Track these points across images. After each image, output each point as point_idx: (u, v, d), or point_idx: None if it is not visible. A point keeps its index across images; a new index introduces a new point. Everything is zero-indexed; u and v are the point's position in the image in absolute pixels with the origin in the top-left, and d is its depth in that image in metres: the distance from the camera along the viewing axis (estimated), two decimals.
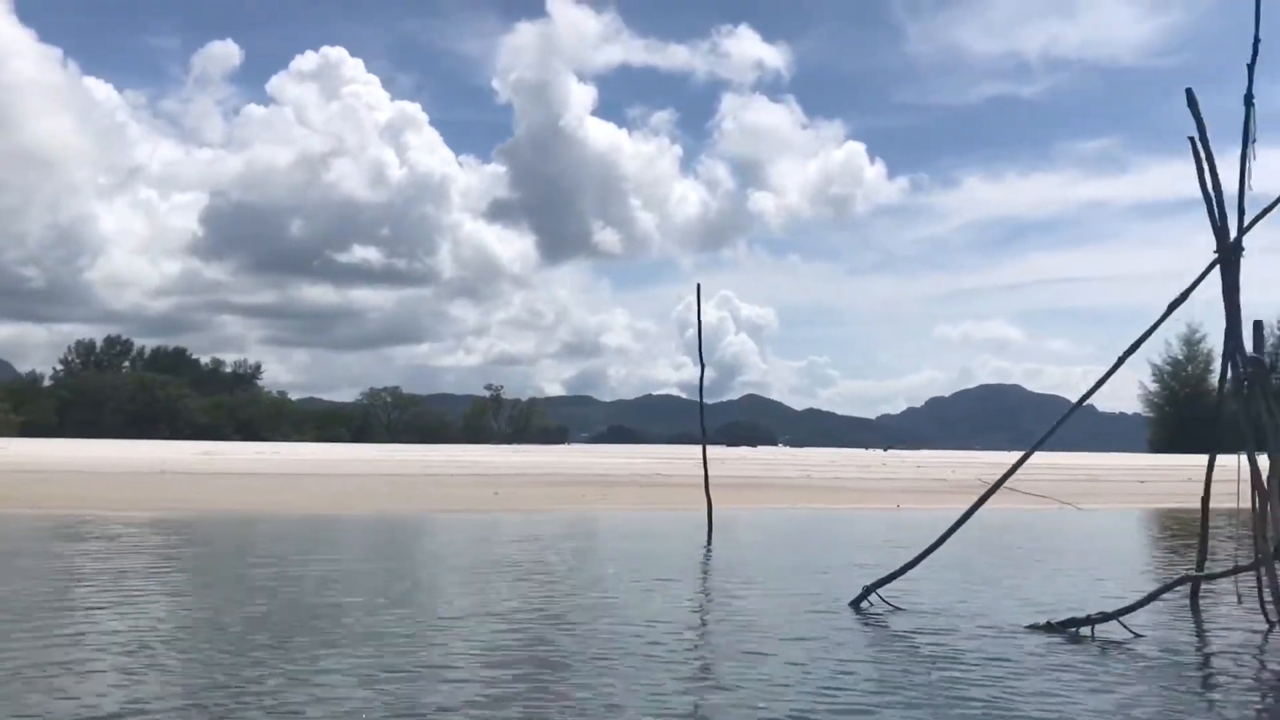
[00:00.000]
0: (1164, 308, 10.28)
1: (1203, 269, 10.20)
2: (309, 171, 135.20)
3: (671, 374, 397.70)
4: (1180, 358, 76.84)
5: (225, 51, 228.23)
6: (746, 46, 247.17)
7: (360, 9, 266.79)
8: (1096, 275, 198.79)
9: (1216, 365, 49.57)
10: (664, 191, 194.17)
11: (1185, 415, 70.72)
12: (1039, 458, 11.46)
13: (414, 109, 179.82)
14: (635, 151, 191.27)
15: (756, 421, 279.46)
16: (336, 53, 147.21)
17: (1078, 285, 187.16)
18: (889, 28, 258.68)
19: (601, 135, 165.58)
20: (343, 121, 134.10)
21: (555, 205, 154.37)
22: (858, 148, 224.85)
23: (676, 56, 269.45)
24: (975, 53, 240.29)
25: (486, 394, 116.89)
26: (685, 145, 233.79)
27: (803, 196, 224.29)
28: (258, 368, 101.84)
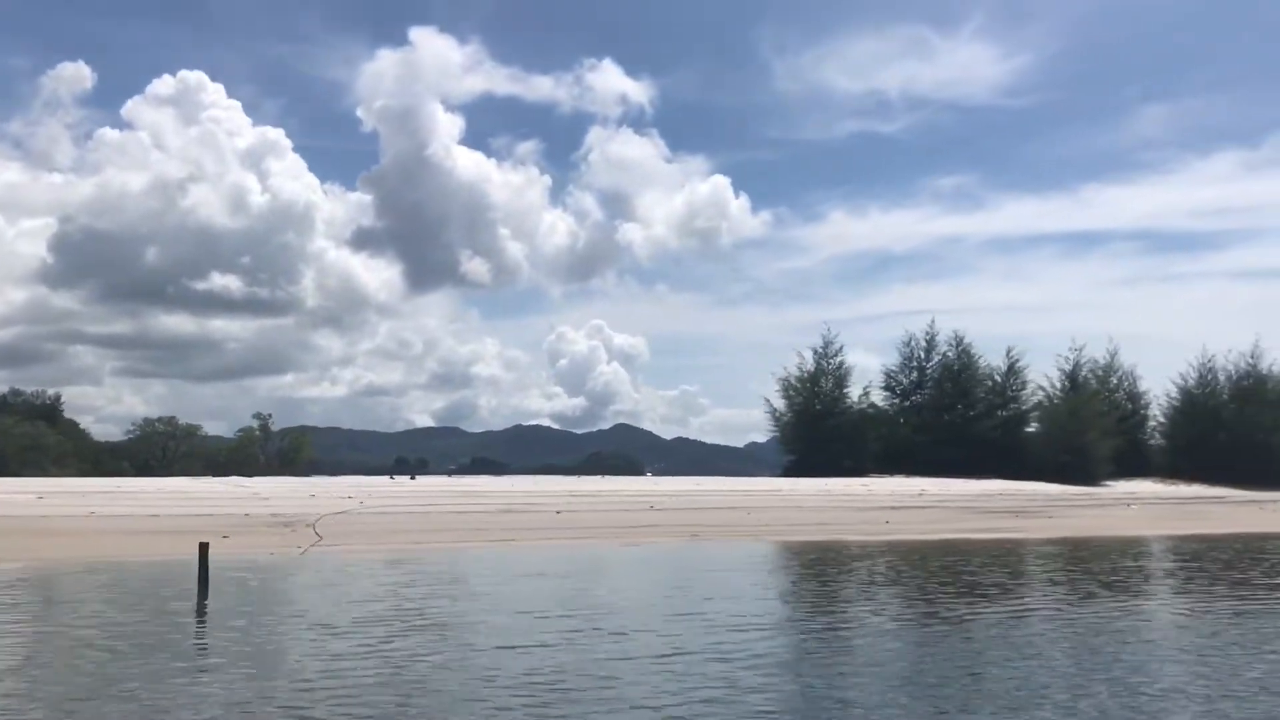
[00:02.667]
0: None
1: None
2: (165, 197, 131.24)
3: (544, 404, 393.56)
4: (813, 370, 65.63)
5: (77, 74, 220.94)
6: (610, 80, 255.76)
7: (222, 33, 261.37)
8: (955, 307, 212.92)
9: (856, 379, 55.00)
10: (533, 221, 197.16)
11: (818, 435, 62.54)
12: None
13: (277, 134, 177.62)
14: (504, 181, 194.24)
15: (626, 451, 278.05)
16: (196, 77, 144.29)
17: (937, 317, 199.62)
18: (756, 65, 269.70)
19: (469, 164, 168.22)
20: (202, 147, 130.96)
21: (422, 234, 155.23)
22: (723, 181, 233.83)
23: (541, 88, 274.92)
24: (839, 90, 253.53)
25: (362, 423, 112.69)
26: (553, 176, 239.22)
27: (670, 228, 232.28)
28: (58, 398, 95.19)
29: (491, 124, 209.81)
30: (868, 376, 77.28)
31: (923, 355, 66.57)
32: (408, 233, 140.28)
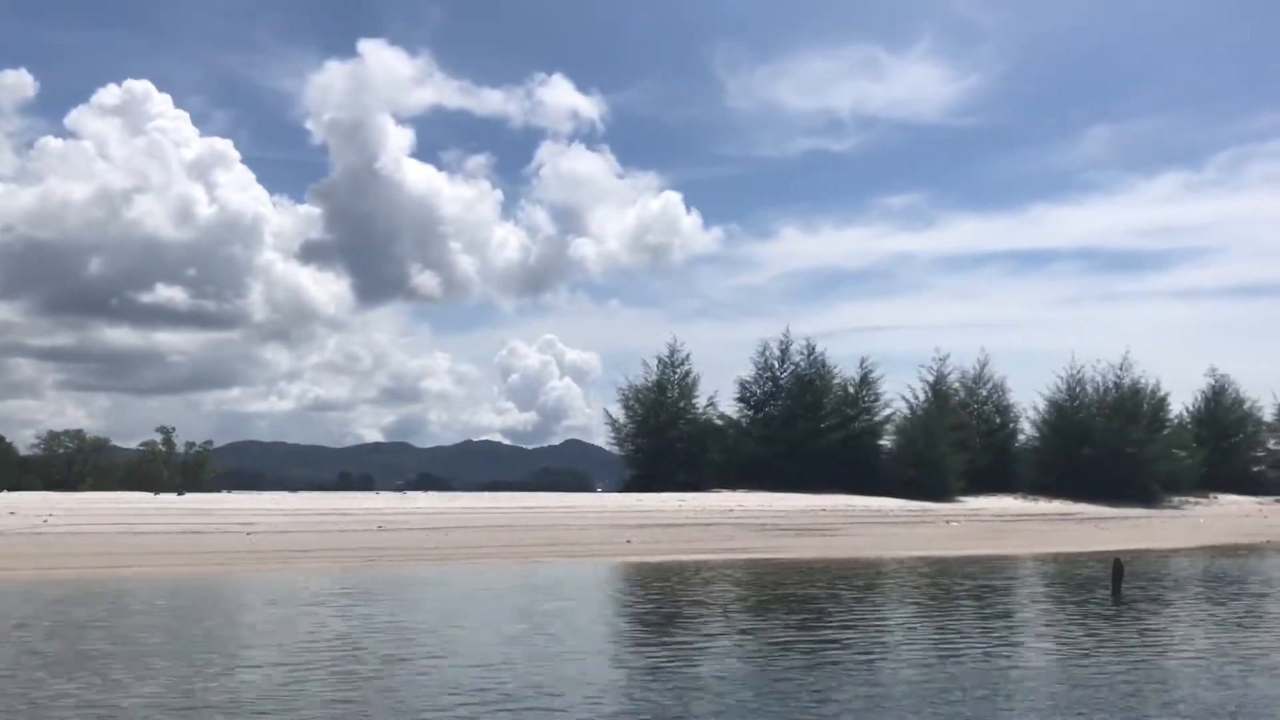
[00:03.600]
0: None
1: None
2: (109, 208, 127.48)
3: (494, 419, 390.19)
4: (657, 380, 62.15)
5: (19, 82, 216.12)
6: (561, 95, 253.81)
7: (171, 42, 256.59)
8: (905, 324, 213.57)
9: (704, 389, 48.68)
10: (484, 235, 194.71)
11: (658, 449, 59.59)
12: None
13: (225, 146, 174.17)
14: (455, 195, 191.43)
15: (577, 467, 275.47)
16: (142, 86, 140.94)
17: (887, 333, 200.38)
18: (709, 82, 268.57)
19: (419, 177, 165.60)
20: (148, 157, 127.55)
21: (372, 247, 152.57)
22: (675, 197, 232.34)
23: (491, 101, 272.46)
24: (791, 109, 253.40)
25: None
26: (505, 190, 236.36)
27: (622, 244, 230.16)
28: None
29: (441, 137, 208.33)
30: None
31: (776, 365, 64.30)
32: (357, 246, 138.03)
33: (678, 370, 62.29)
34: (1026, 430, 70.79)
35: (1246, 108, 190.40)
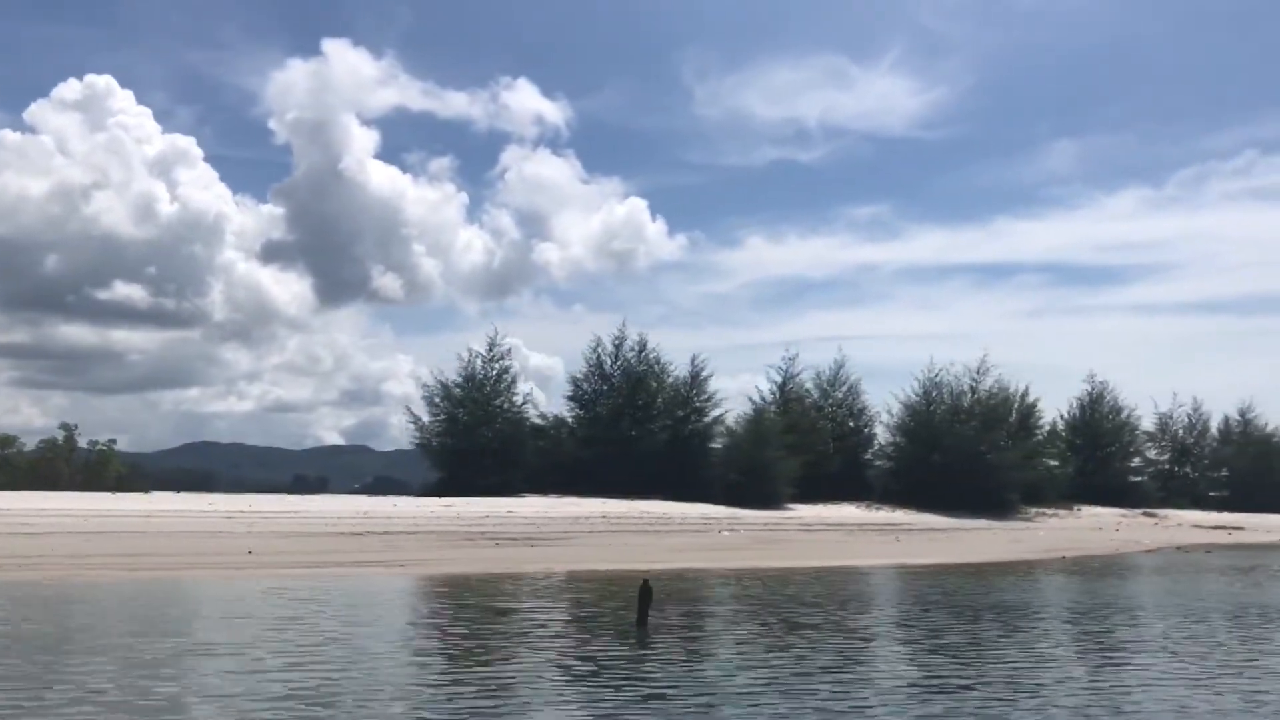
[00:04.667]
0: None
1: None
2: (67, 204, 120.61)
3: None
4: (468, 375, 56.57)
5: None
6: (526, 100, 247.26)
7: (134, 37, 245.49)
8: (868, 334, 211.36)
9: (522, 388, 35.99)
10: (448, 238, 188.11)
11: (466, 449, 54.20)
12: None
13: (188, 143, 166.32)
14: (419, 197, 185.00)
15: None
16: (104, 81, 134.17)
17: (851, 343, 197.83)
18: (677, 90, 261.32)
19: (383, 179, 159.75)
20: (108, 153, 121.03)
21: (334, 248, 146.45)
22: (640, 204, 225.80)
23: (455, 104, 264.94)
24: (759, 118, 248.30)
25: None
26: (469, 193, 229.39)
27: (587, 249, 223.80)
28: None
29: (405, 139, 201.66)
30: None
31: (609, 361, 59.36)
32: (319, 246, 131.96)
33: (495, 365, 56.98)
34: (882, 435, 66.50)
35: (1208, 126, 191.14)
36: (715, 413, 58.35)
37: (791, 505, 55.24)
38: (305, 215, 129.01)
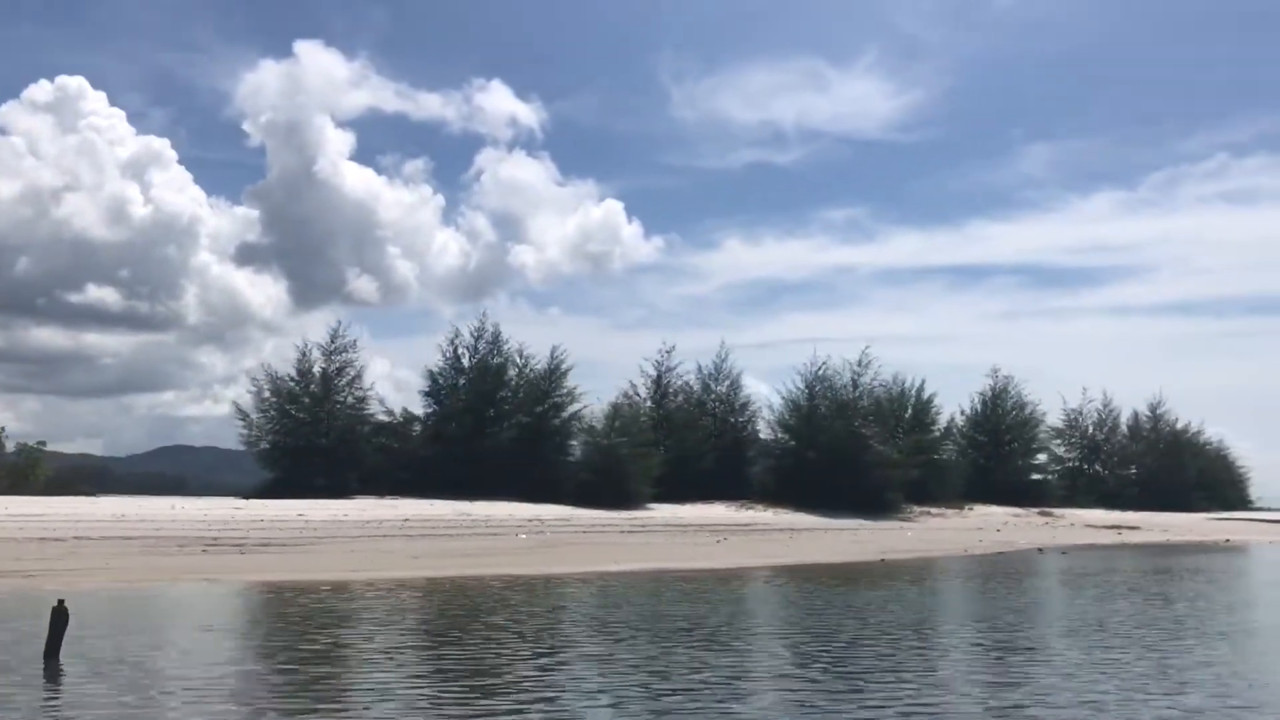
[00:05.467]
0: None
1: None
2: (38, 206, 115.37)
3: None
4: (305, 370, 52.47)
5: None
6: (500, 101, 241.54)
7: (106, 38, 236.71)
8: (844, 336, 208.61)
9: (372, 383, 27.88)
10: (424, 241, 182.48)
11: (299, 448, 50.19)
12: None
13: (162, 145, 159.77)
14: (394, 199, 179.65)
15: None
16: (76, 83, 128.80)
17: (827, 345, 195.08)
18: (653, 92, 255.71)
19: (358, 181, 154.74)
20: (79, 155, 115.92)
21: (308, 250, 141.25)
22: (615, 206, 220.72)
23: (429, 106, 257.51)
24: (735, 120, 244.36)
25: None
26: (444, 195, 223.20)
27: (562, 251, 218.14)
28: None
29: (378, 141, 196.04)
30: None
31: (467, 353, 55.73)
32: (294, 249, 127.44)
33: (337, 358, 53.11)
34: (764, 432, 63.37)
35: (1180, 130, 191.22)
36: (574, 408, 54.85)
37: (652, 505, 51.97)
38: (280, 218, 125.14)
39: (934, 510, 60.50)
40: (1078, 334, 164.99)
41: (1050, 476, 76.46)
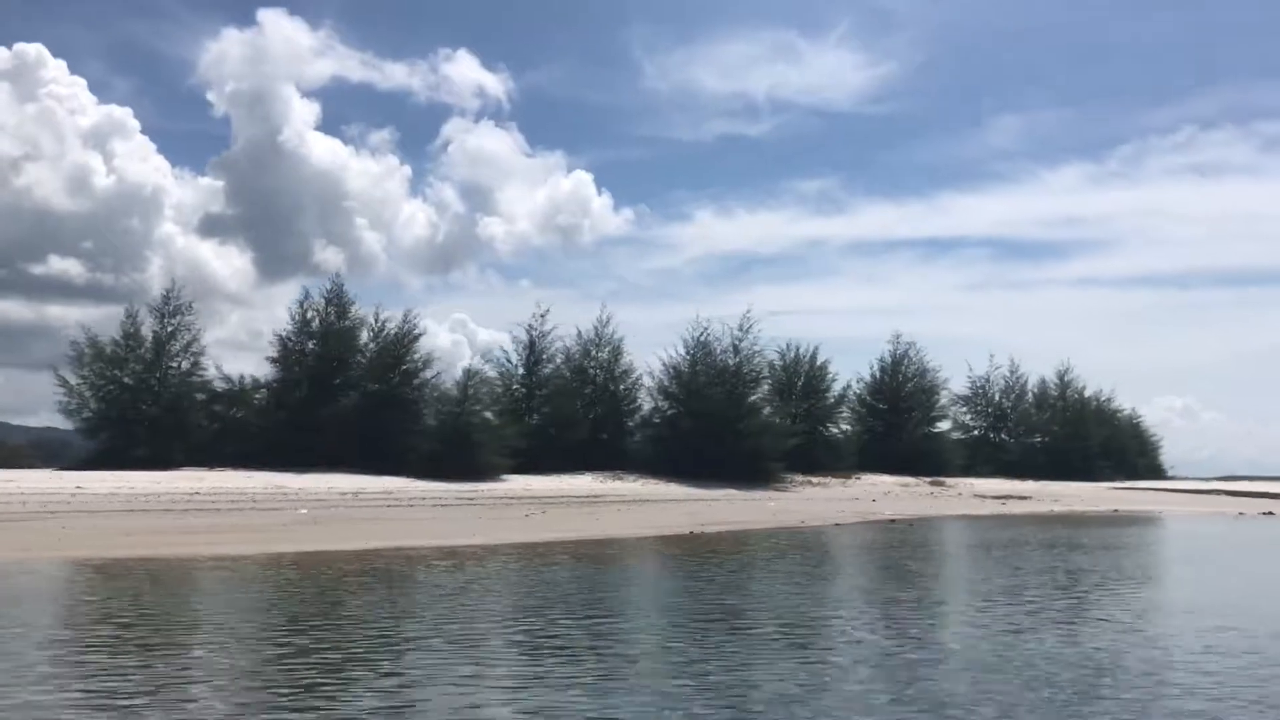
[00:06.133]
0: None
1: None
2: None
3: None
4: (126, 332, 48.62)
5: None
6: (466, 71, 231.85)
7: (67, 4, 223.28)
8: (815, 308, 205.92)
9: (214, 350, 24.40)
10: (392, 212, 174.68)
11: (122, 417, 46.83)
12: None
13: (124, 114, 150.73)
14: (362, 169, 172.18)
15: None
16: (35, 50, 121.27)
17: (798, 317, 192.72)
18: (625, 63, 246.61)
19: (325, 151, 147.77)
20: (40, 125, 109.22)
21: (274, 221, 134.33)
22: (585, 177, 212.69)
23: (394, 75, 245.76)
24: (708, 92, 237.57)
25: None
26: (412, 166, 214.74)
27: (532, 223, 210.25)
28: None
29: (343, 111, 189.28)
30: None
31: (317, 316, 52.10)
32: (260, 220, 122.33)
33: (170, 321, 49.34)
34: (646, 400, 60.53)
35: (1148, 103, 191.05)
36: (427, 375, 51.50)
37: (508, 477, 48.99)
38: (245, 188, 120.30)
39: (817, 480, 58.13)
40: (1046, 306, 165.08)
41: (951, 445, 74.31)
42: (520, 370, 57.32)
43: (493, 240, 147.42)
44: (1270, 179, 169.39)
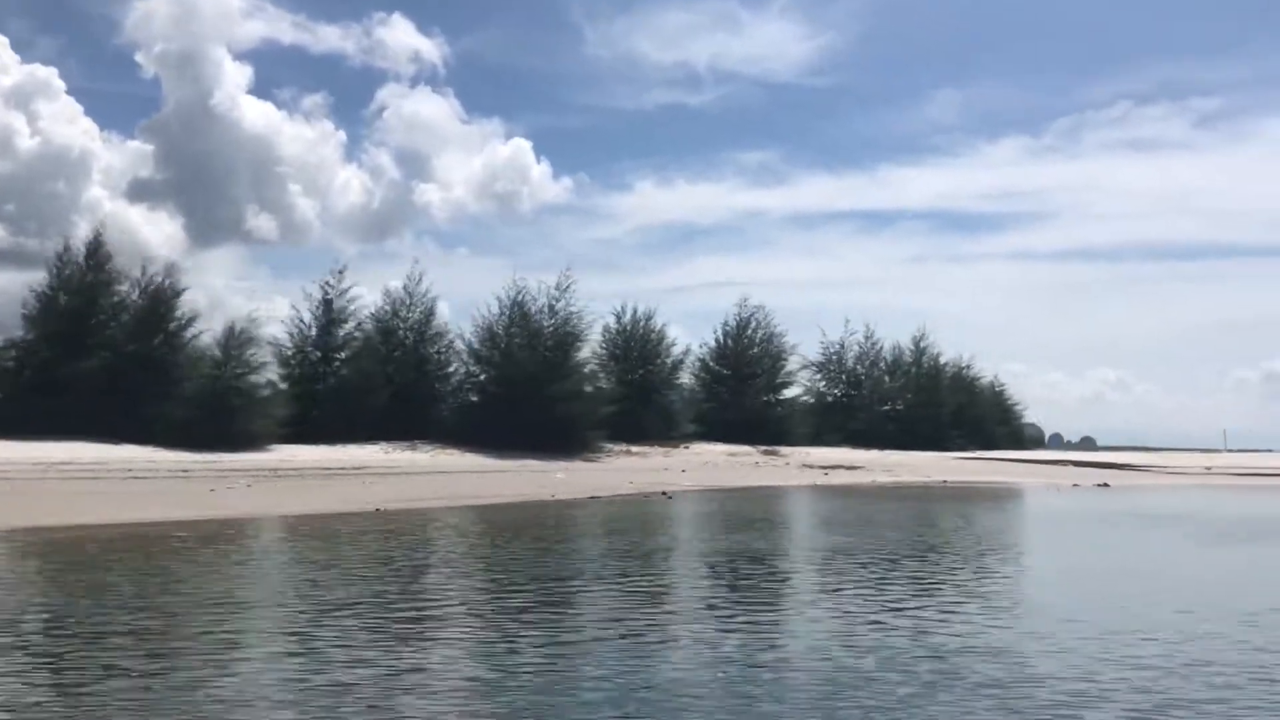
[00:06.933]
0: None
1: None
2: None
3: None
4: None
5: None
6: (401, 35, 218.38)
7: None
8: (755, 280, 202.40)
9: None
10: (326, 178, 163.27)
11: None
12: None
13: (49, 74, 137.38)
14: (295, 134, 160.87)
15: None
16: None
17: (738, 289, 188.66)
18: (566, 30, 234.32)
19: (258, 116, 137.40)
20: None
21: (206, 187, 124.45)
22: (524, 145, 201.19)
23: (327, 38, 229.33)
24: (650, 60, 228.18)
25: None
26: (346, 131, 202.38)
27: (468, 191, 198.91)
28: None
29: (275, 74, 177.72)
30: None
31: (77, 269, 46.70)
32: (190, 185, 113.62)
33: None
34: (459, 367, 56.42)
35: (1085, 77, 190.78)
36: (189, 335, 46.60)
37: (276, 446, 44.60)
38: (175, 152, 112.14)
39: (639, 450, 54.83)
40: (983, 278, 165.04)
41: (799, 413, 71.62)
42: (314, 331, 52.65)
43: (429, 207, 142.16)
44: (1204, 155, 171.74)
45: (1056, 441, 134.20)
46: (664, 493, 33.97)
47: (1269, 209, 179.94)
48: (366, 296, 56.85)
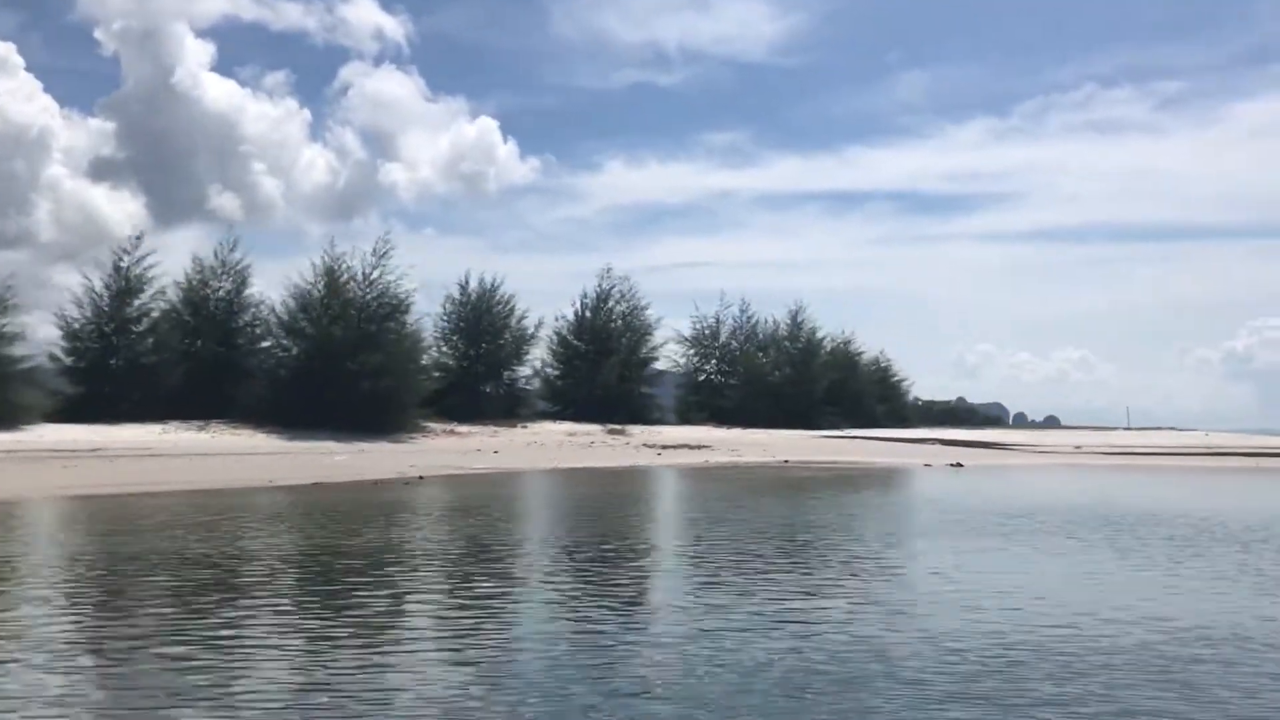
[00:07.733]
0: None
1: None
2: None
3: None
4: None
5: None
6: (364, 13, 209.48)
7: None
8: (724, 261, 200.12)
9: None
10: (290, 157, 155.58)
11: None
12: None
13: (7, 50, 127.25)
14: (259, 113, 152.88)
15: None
16: None
17: (707, 270, 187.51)
18: (533, 7, 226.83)
19: (220, 93, 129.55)
20: None
21: (168, 165, 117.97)
22: (490, 124, 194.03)
23: (289, 15, 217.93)
24: (619, 40, 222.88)
25: None
26: (310, 110, 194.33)
27: (435, 170, 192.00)
28: None
29: (237, 51, 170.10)
30: None
31: None
32: (152, 164, 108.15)
33: None
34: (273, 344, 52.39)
35: (1051, 59, 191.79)
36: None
37: (33, 427, 40.46)
38: (137, 130, 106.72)
39: (464, 429, 51.37)
40: (950, 259, 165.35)
41: (659, 390, 68.70)
42: (105, 303, 48.25)
43: (395, 187, 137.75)
44: (1166, 137, 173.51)
45: (1020, 421, 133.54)
46: (420, 477, 30.60)
47: (1231, 191, 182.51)
48: (170, 264, 52.78)
